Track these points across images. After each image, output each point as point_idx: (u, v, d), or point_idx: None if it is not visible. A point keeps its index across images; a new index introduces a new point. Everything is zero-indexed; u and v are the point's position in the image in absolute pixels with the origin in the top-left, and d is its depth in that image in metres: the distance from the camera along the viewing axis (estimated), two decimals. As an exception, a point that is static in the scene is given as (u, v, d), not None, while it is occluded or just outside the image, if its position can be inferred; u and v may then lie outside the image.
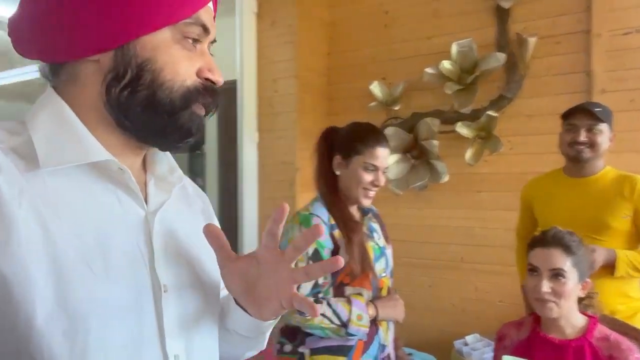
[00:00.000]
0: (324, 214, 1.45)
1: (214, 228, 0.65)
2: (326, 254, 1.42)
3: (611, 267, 1.70)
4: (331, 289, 1.44)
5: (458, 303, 2.81)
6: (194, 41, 0.62)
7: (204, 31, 0.62)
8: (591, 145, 1.77)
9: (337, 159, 1.50)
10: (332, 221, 1.45)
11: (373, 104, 2.99)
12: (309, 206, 1.49)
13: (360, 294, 1.45)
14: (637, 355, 1.32)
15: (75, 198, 0.56)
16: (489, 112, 2.66)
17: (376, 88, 2.96)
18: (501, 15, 2.73)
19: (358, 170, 1.47)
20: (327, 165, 1.51)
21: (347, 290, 1.45)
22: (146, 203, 0.64)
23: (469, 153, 2.73)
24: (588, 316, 1.43)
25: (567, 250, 1.39)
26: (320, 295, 1.41)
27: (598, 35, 2.54)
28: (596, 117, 1.76)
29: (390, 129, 2.84)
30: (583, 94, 2.57)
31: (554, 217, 1.83)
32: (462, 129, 2.70)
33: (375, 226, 1.60)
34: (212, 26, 0.64)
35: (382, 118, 2.99)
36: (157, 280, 0.61)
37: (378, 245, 1.54)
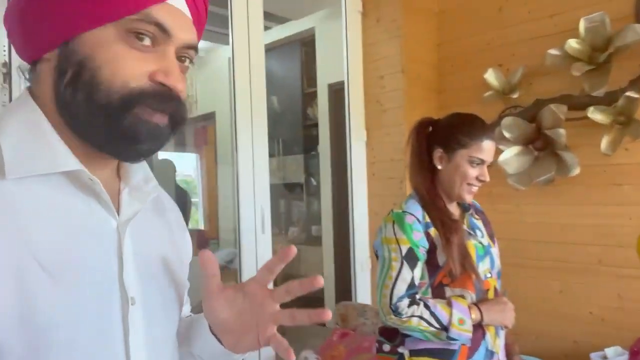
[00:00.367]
0: (418, 212, 1.39)
1: (209, 255, 0.64)
2: (422, 253, 1.35)
3: None
4: (429, 290, 1.37)
5: (596, 311, 2.48)
6: (153, 42, 0.57)
7: (161, 31, 0.57)
8: None
9: (439, 152, 1.42)
10: (427, 219, 1.38)
11: (489, 94, 2.78)
12: (403, 204, 1.44)
13: (462, 297, 1.36)
14: None
15: (43, 208, 0.55)
16: (629, 94, 2.31)
17: (491, 76, 2.76)
18: (640, -20, 2.36)
19: (463, 164, 1.38)
20: (426, 159, 1.44)
21: (448, 291, 1.36)
22: (119, 213, 0.62)
23: (605, 141, 2.39)
24: None
25: None
26: (417, 296, 1.35)
27: None
28: None
29: (508, 119, 2.62)
30: None
31: None
32: (595, 115, 2.38)
33: (477, 223, 1.49)
34: (179, 28, 0.58)
35: (500, 108, 2.77)
36: (125, 292, 0.59)
37: (482, 244, 1.43)
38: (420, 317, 1.30)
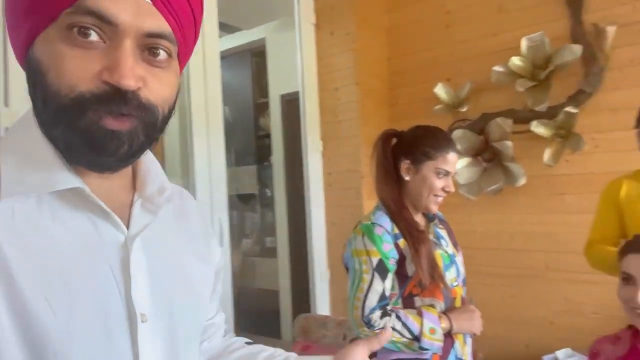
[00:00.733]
0: (387, 223, 1.40)
1: (387, 336, 0.73)
2: (392, 264, 1.36)
3: None
4: (400, 300, 1.38)
5: (546, 315, 2.60)
6: (102, 36, 0.50)
7: (103, 21, 0.49)
8: None
9: (406, 164, 1.44)
10: (396, 230, 1.39)
11: (438, 107, 2.88)
12: (371, 215, 1.44)
13: (432, 306, 1.37)
14: None
15: (43, 226, 0.52)
16: (568, 109, 2.47)
17: (441, 90, 2.86)
18: (574, 5, 2.54)
19: (430, 175, 1.40)
20: (392, 170, 1.45)
21: (418, 301, 1.38)
22: (129, 226, 0.59)
23: (548, 153, 2.54)
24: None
25: (668, 255, 1.23)
26: (388, 307, 1.35)
27: (690, 16, 2.29)
28: None
29: (458, 132, 2.72)
30: (675, 83, 2.32)
31: None
32: (538, 128, 2.52)
33: (442, 233, 1.52)
34: (129, 15, 0.50)
35: (449, 121, 2.87)
36: (134, 309, 0.56)
37: (447, 253, 1.45)
38: (392, 328, 1.30)
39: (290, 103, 3.58)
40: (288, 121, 3.64)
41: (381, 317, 1.31)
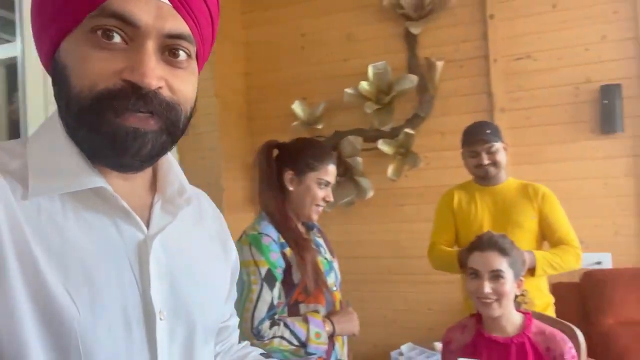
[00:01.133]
0: (273, 233, 1.42)
1: None
2: (279, 273, 1.38)
3: (531, 269, 1.86)
4: (286, 309, 1.40)
5: (389, 315, 2.88)
6: (125, 38, 0.52)
7: (126, 23, 0.51)
8: (494, 164, 1.96)
9: (289, 175, 1.47)
10: (282, 239, 1.42)
11: (295, 124, 3.01)
12: (256, 225, 1.44)
13: (316, 311, 1.43)
14: (570, 345, 1.45)
15: (67, 225, 0.54)
16: (407, 130, 2.82)
17: (298, 108, 3.00)
18: (410, 40, 2.93)
19: (312, 186, 1.46)
20: (276, 181, 1.48)
21: (303, 308, 1.42)
22: (149, 226, 0.60)
23: (391, 169, 2.85)
24: (523, 313, 1.54)
25: (503, 252, 1.50)
26: (276, 316, 1.36)
27: (495, 60, 2.83)
28: (491, 139, 1.95)
29: (314, 148, 2.88)
30: (486, 113, 2.83)
31: (476, 222, 1.99)
32: (384, 146, 2.82)
33: (320, 241, 1.60)
34: (151, 17, 0.52)
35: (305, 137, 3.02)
36: (152, 307, 0.56)
37: (327, 259, 1.53)
38: (281, 337, 1.32)
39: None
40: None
41: (270, 327, 1.31)
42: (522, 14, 2.80)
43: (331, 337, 1.44)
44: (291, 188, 1.48)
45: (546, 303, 1.99)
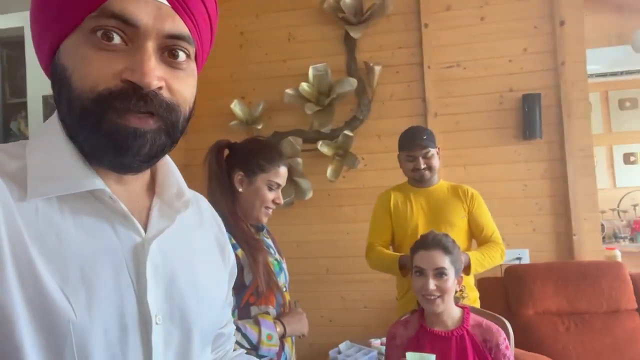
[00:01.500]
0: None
1: None
2: (233, 275, 1.35)
3: (466, 267, 1.98)
4: (236, 312, 1.38)
5: (326, 314, 2.92)
6: (125, 39, 0.52)
7: (126, 24, 0.51)
8: (429, 168, 2.08)
9: (239, 176, 1.45)
10: (233, 240, 1.40)
11: (234, 123, 2.96)
12: None
13: (267, 313, 1.41)
14: (504, 336, 1.56)
15: (65, 227, 0.53)
16: (346, 132, 2.87)
17: (236, 107, 2.95)
18: (350, 44, 2.99)
19: (262, 188, 1.44)
20: (227, 181, 1.45)
21: (254, 310, 1.40)
22: (147, 229, 0.59)
23: (330, 170, 2.89)
24: (461, 307, 1.63)
25: (446, 250, 1.58)
26: (229, 319, 1.33)
27: (428, 67, 2.96)
28: (428, 145, 2.06)
29: (254, 148, 2.85)
30: (420, 117, 2.96)
31: (411, 221, 2.09)
32: (323, 148, 2.85)
33: (269, 242, 1.59)
34: (150, 17, 0.52)
35: (244, 137, 2.96)
36: (148, 311, 0.56)
37: (277, 260, 1.53)
38: (234, 340, 1.29)
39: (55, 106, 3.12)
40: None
41: (224, 330, 1.28)
42: (454, 25, 2.96)
43: (282, 338, 1.44)
44: (240, 189, 1.45)
45: (474, 297, 2.13)
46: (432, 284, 1.54)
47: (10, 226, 0.49)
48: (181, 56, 0.56)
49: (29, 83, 3.27)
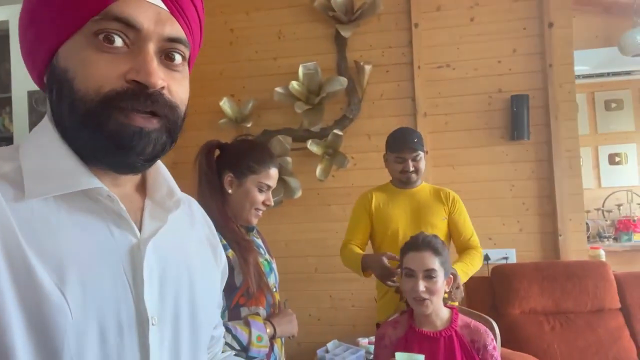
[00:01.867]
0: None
1: None
2: (222, 277, 1.35)
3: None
4: (226, 313, 1.37)
5: (314, 313, 2.92)
6: (126, 42, 0.54)
7: (128, 27, 0.53)
8: (416, 171, 2.09)
9: (229, 177, 1.44)
10: (224, 241, 1.39)
11: (223, 121, 2.94)
12: None
13: (257, 314, 1.41)
14: (492, 336, 1.57)
15: (61, 227, 0.54)
16: (335, 131, 2.87)
17: (226, 105, 2.93)
18: (340, 43, 2.99)
19: (252, 189, 1.44)
20: (217, 182, 1.44)
21: (244, 311, 1.39)
22: (141, 229, 0.60)
23: (319, 169, 2.89)
24: (450, 308, 1.64)
25: (436, 251, 1.59)
26: (219, 320, 1.33)
27: (418, 67, 2.97)
28: (418, 148, 2.07)
29: (243, 146, 2.84)
30: (410, 117, 2.97)
31: (393, 222, 2.10)
32: (313, 147, 2.85)
33: (259, 242, 1.58)
34: (151, 21, 0.54)
35: (233, 135, 2.93)
36: (145, 312, 0.57)
37: (267, 261, 1.52)
38: (223, 343, 1.28)
39: (41, 102, 3.08)
40: (38, 122, 3.11)
41: (213, 332, 1.28)
42: (444, 25, 2.96)
43: (271, 339, 1.43)
44: (230, 191, 1.44)
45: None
46: (422, 286, 1.54)
47: (3, 227, 0.49)
48: (178, 59, 0.58)
49: (14, 78, 3.22)
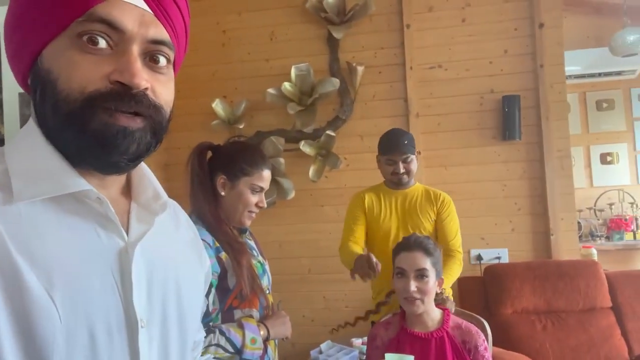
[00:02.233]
0: (208, 237, 1.37)
1: None
2: (214, 279, 1.34)
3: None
4: (220, 315, 1.37)
5: (308, 314, 2.92)
6: (110, 43, 0.54)
7: (112, 28, 0.53)
8: (407, 172, 2.10)
9: (222, 179, 1.44)
10: (217, 244, 1.39)
11: (216, 122, 2.94)
12: None
13: (250, 316, 1.41)
14: (483, 337, 1.58)
15: (49, 230, 0.54)
16: (328, 132, 2.87)
17: (218, 106, 2.92)
18: (332, 44, 2.99)
19: (245, 191, 1.44)
20: (209, 184, 1.44)
21: (237, 313, 1.39)
22: (128, 232, 0.60)
23: (312, 170, 2.89)
24: (442, 309, 1.65)
25: (427, 252, 1.59)
26: (210, 324, 1.32)
27: (410, 68, 2.98)
28: (408, 151, 2.08)
29: (236, 148, 2.84)
30: (402, 117, 2.98)
31: (385, 222, 2.11)
32: (306, 148, 2.85)
33: (252, 244, 1.58)
34: (135, 23, 0.55)
35: (225, 136, 2.93)
36: (134, 314, 0.57)
37: (260, 262, 1.52)
38: (217, 345, 1.28)
39: (26, 104, 3.06)
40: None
41: (205, 336, 1.27)
42: (435, 26, 2.97)
43: (265, 341, 1.43)
44: (223, 193, 1.44)
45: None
46: (413, 286, 1.55)
47: None
48: (162, 61, 0.58)
49: (5, 80, 3.20)
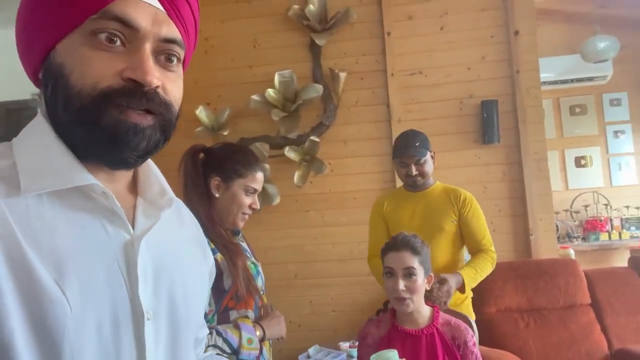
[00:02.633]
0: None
1: None
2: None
3: (460, 287, 2.00)
4: (216, 317, 1.38)
5: (295, 319, 2.92)
6: (124, 41, 0.55)
7: (126, 26, 0.54)
8: (421, 174, 2.09)
9: (216, 181, 1.45)
10: (212, 245, 1.39)
11: (200, 129, 2.94)
12: None
13: (246, 317, 1.42)
14: (472, 333, 1.62)
15: (57, 223, 0.54)
16: (312, 138, 2.90)
17: (202, 113, 2.93)
18: (315, 51, 3.03)
19: (239, 193, 1.45)
20: (203, 186, 1.44)
21: (233, 314, 1.40)
22: (134, 227, 0.61)
23: (297, 175, 2.91)
24: (431, 306, 1.68)
25: (414, 250, 1.62)
26: (207, 324, 1.33)
27: (392, 74, 3.04)
28: (420, 153, 2.06)
29: (220, 154, 2.84)
30: (385, 123, 3.03)
31: (405, 225, 2.08)
32: (290, 153, 2.87)
33: (245, 246, 1.59)
34: (149, 22, 0.55)
35: (209, 143, 2.92)
36: (140, 307, 0.58)
37: (254, 264, 1.54)
38: (214, 346, 1.28)
39: (14, 113, 3.02)
40: (11, 135, 3.04)
41: (202, 336, 1.28)
42: (415, 34, 3.05)
43: (261, 342, 1.44)
44: (217, 195, 1.45)
45: (461, 299, 2.11)
46: (402, 284, 1.58)
47: (0, 222, 0.50)
48: (173, 59, 0.59)
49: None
